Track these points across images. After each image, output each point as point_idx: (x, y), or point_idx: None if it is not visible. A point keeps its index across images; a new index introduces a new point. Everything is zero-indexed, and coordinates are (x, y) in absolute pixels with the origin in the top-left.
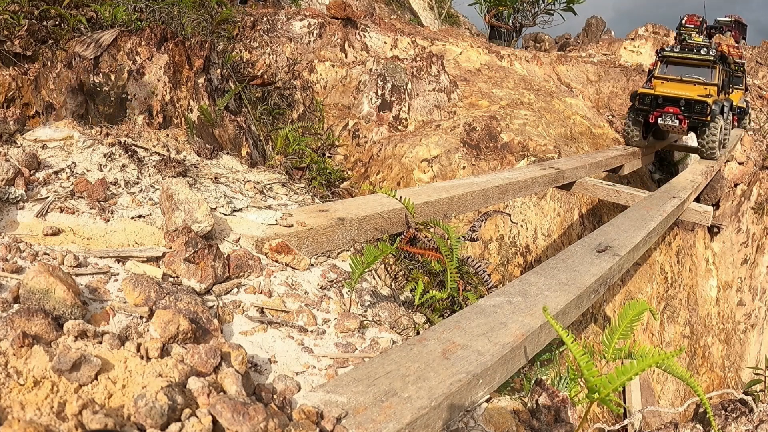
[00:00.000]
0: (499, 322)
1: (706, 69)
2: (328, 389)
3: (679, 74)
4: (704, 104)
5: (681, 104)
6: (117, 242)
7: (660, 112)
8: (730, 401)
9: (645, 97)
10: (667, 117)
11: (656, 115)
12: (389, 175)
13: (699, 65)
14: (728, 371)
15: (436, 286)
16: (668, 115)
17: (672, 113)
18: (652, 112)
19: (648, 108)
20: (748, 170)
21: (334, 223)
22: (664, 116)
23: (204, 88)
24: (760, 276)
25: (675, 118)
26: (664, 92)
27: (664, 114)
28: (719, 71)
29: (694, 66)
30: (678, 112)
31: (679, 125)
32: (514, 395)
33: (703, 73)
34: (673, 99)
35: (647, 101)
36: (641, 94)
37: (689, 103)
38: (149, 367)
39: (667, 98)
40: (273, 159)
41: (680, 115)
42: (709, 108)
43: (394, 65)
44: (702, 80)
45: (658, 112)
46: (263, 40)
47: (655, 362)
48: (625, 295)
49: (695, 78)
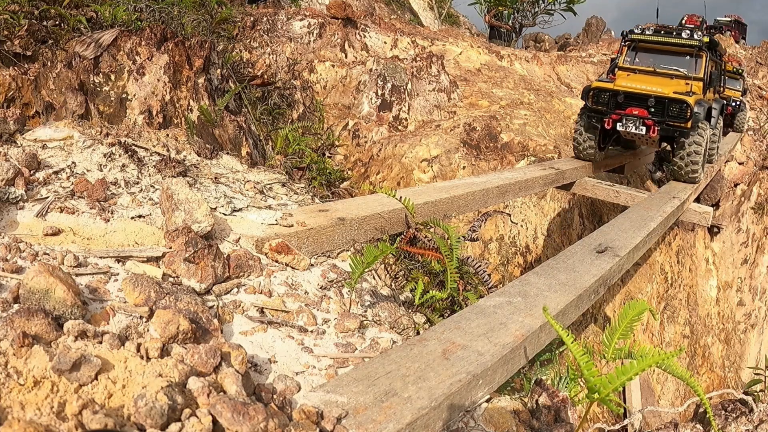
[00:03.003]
0: (499, 322)
1: (689, 58)
2: (328, 389)
3: (652, 64)
4: (683, 105)
5: (650, 104)
6: (117, 242)
7: (620, 114)
8: (730, 401)
9: (601, 93)
10: (630, 122)
11: (614, 119)
12: (389, 175)
13: (679, 52)
14: (728, 371)
15: (436, 286)
16: (631, 120)
17: (637, 116)
18: (610, 114)
19: (605, 109)
20: (748, 170)
21: (334, 223)
22: (625, 120)
23: (204, 88)
24: (760, 276)
25: (641, 123)
26: (627, 87)
27: (626, 118)
28: (706, 61)
29: (672, 54)
30: (645, 114)
31: (647, 134)
32: (514, 395)
33: (684, 63)
34: (638, 96)
35: (603, 99)
36: (596, 90)
37: (661, 102)
38: (149, 367)
39: (630, 95)
40: (273, 159)
41: (648, 120)
42: (689, 110)
43: (394, 65)
44: (683, 72)
45: (618, 114)
46: (263, 40)
47: (655, 362)
48: (625, 295)
49: (674, 70)
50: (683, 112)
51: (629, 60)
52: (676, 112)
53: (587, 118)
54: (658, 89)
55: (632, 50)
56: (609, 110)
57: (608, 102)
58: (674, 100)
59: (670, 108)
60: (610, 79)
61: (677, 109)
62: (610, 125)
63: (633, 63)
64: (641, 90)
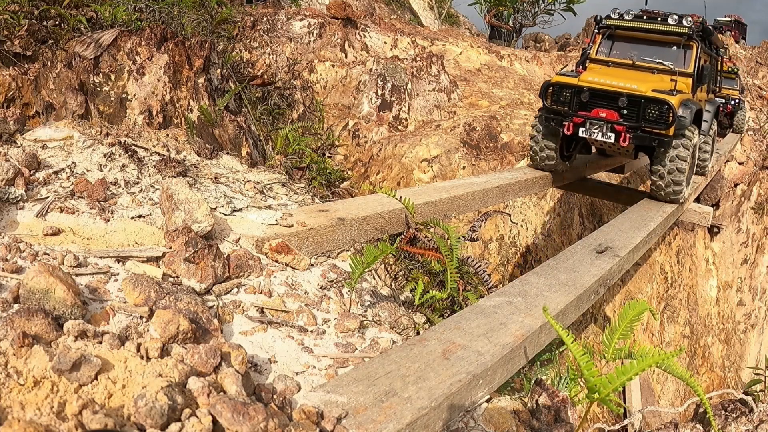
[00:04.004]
0: (499, 322)
1: (677, 49)
2: (329, 389)
3: (631, 56)
4: (663, 106)
5: (621, 104)
6: (117, 242)
7: (583, 116)
8: (730, 401)
9: (562, 90)
10: (595, 126)
11: (577, 122)
12: (389, 175)
13: (665, 42)
14: (728, 371)
15: (436, 286)
16: (597, 124)
17: (604, 120)
18: (572, 116)
19: (566, 109)
20: (748, 170)
21: (334, 223)
22: (589, 124)
23: (204, 88)
24: (760, 276)
25: (608, 128)
26: (593, 83)
27: (590, 121)
28: (697, 53)
29: (657, 44)
30: (615, 118)
31: (617, 142)
32: (514, 395)
33: (671, 56)
34: (607, 95)
35: (565, 98)
36: (556, 86)
37: (636, 102)
38: (149, 367)
39: (597, 93)
40: (273, 159)
41: (619, 124)
42: (671, 113)
43: (394, 65)
44: (668, 66)
45: (581, 116)
46: (263, 40)
47: (655, 362)
48: (625, 295)
49: (658, 63)
50: (664, 115)
51: (605, 51)
52: (655, 115)
53: (545, 121)
54: (632, 86)
55: (608, 39)
56: (571, 111)
57: (570, 101)
58: (652, 100)
59: (647, 110)
60: (577, 73)
61: (656, 112)
62: (570, 130)
63: (609, 54)
64: (611, 87)
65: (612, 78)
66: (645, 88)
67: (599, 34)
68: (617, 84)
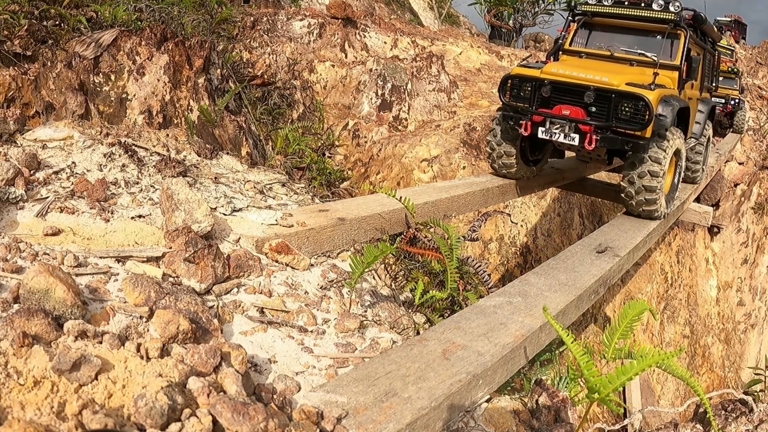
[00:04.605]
0: (499, 322)
1: (662, 39)
2: (329, 389)
3: (609, 47)
4: (638, 102)
5: (588, 100)
6: (117, 242)
7: (544, 114)
8: (730, 401)
9: (522, 84)
10: (556, 126)
11: (536, 121)
12: (389, 175)
13: (649, 31)
14: (728, 371)
15: (436, 286)
16: (558, 123)
17: (567, 119)
18: (531, 114)
19: (526, 106)
20: (748, 170)
21: (334, 223)
22: (549, 124)
23: (204, 88)
24: (760, 276)
25: (572, 129)
26: (556, 75)
27: (551, 120)
28: (685, 42)
29: (640, 33)
30: (580, 116)
31: (581, 144)
32: (514, 395)
33: (655, 46)
34: (572, 89)
35: (526, 93)
36: (515, 79)
37: (605, 98)
38: (149, 367)
39: (560, 87)
40: (273, 159)
41: (584, 123)
42: (647, 111)
43: (394, 65)
44: (651, 58)
45: (542, 115)
46: (263, 40)
47: (655, 362)
48: (625, 295)
49: (639, 54)
50: (639, 113)
51: (581, 41)
52: (629, 114)
53: (504, 121)
54: (603, 78)
55: (585, 28)
56: (531, 109)
57: (531, 97)
58: (625, 96)
59: (620, 107)
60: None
61: (630, 109)
62: (528, 131)
63: (586, 45)
64: (576, 79)
65: (581, 70)
66: (618, 82)
67: (574, 20)
68: (584, 76)
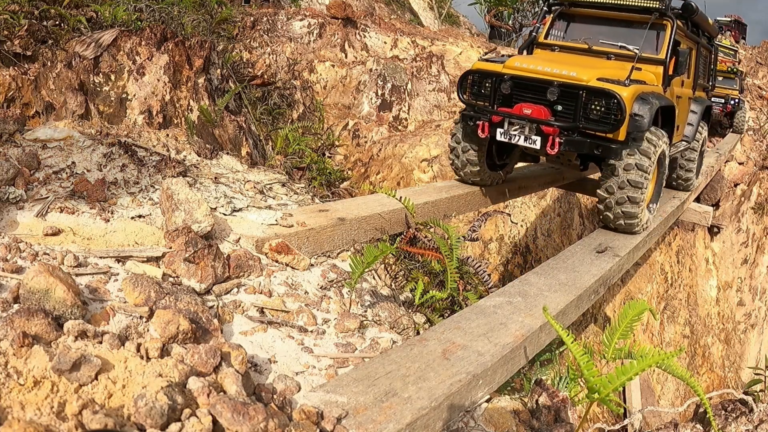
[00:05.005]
0: (499, 322)
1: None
2: (328, 389)
3: (588, 39)
4: (610, 100)
5: (551, 97)
6: (117, 242)
7: (503, 114)
8: (730, 401)
9: (483, 79)
10: (515, 127)
11: (495, 121)
12: (389, 175)
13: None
14: (728, 371)
15: (436, 286)
16: (517, 123)
17: (527, 118)
18: (490, 114)
19: (486, 104)
20: (748, 170)
21: (334, 223)
22: (508, 124)
23: (204, 88)
24: (760, 276)
25: (532, 130)
26: (519, 69)
27: (510, 120)
28: (671, 33)
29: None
30: (544, 116)
31: (543, 147)
32: (514, 395)
33: (638, 38)
34: (535, 85)
35: (486, 90)
36: (476, 74)
37: (572, 94)
38: (149, 367)
39: (522, 83)
40: (273, 159)
41: (547, 125)
42: (620, 110)
43: (394, 65)
44: (632, 51)
45: (501, 114)
46: (263, 40)
47: (655, 362)
48: (625, 295)
49: (621, 47)
50: (611, 112)
51: (558, 34)
52: (599, 113)
53: (463, 121)
54: (570, 73)
55: (563, 19)
56: (491, 108)
57: (492, 94)
58: (595, 92)
59: (589, 105)
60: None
61: (600, 108)
62: (485, 132)
63: (563, 38)
64: (540, 74)
65: (547, 64)
66: (588, 77)
67: (550, 13)
68: (550, 71)
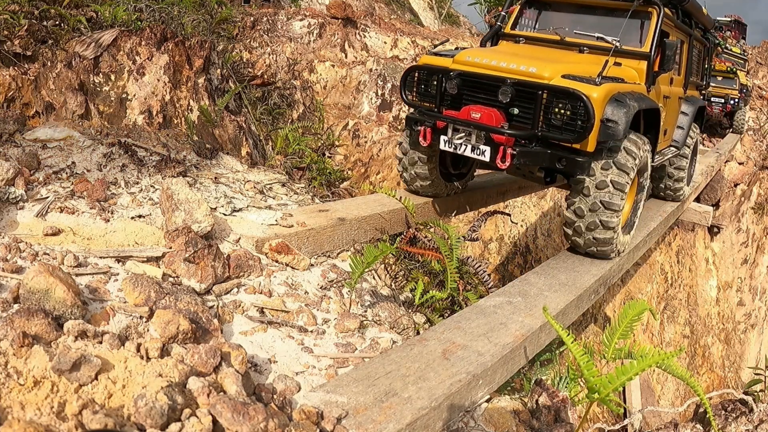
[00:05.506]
0: (500, 322)
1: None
2: (329, 389)
3: (561, 29)
4: (576, 102)
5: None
6: (117, 242)
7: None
8: (730, 401)
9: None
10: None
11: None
12: (389, 175)
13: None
14: (728, 371)
15: (436, 286)
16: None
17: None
18: (435, 119)
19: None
20: (748, 170)
21: (334, 223)
22: (451, 131)
23: (204, 88)
24: (760, 276)
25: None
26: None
27: (454, 125)
28: (657, 23)
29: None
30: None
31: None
32: (514, 395)
33: (616, 28)
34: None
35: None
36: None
37: (528, 95)
38: (149, 367)
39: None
40: (273, 159)
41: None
42: (587, 113)
43: (394, 65)
44: (612, 43)
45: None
46: (263, 40)
47: (655, 362)
48: (625, 295)
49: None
50: (577, 116)
51: (528, 23)
52: (563, 118)
53: (408, 125)
54: (529, 68)
55: (533, 7)
56: (436, 110)
57: (438, 94)
58: (556, 92)
59: (550, 108)
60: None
61: (565, 111)
62: (428, 140)
63: (535, 29)
64: (490, 69)
65: (504, 58)
66: (550, 72)
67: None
68: (505, 66)
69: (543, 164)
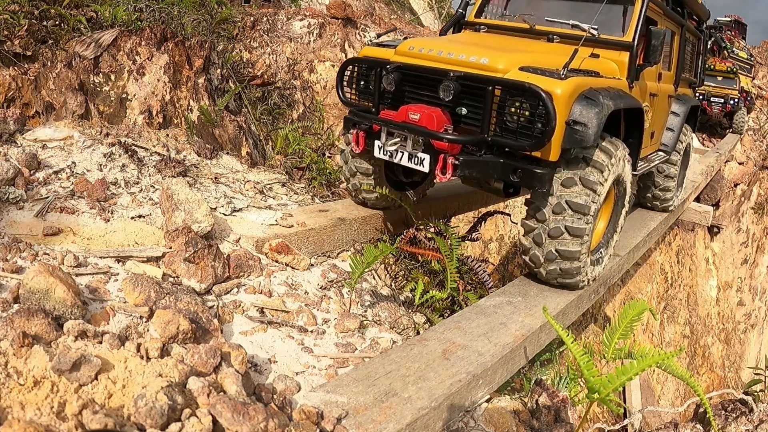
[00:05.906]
0: (500, 322)
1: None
2: (329, 389)
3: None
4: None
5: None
6: (117, 242)
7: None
8: (730, 401)
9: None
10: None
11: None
12: None
13: None
14: (728, 371)
15: (436, 286)
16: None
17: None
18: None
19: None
20: (748, 170)
21: (334, 223)
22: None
23: (204, 88)
24: (760, 276)
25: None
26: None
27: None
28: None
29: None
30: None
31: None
32: (514, 395)
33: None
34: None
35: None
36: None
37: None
38: (149, 367)
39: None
40: (273, 159)
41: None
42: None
43: None
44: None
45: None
46: (263, 40)
47: (655, 362)
48: (625, 295)
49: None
50: (536, 117)
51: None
52: (519, 120)
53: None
54: (480, 59)
55: None
56: (374, 110)
57: (377, 91)
58: (511, 87)
59: (505, 107)
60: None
61: (522, 111)
62: (361, 145)
63: (502, 17)
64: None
65: (453, 47)
66: (504, 64)
67: None
68: (453, 56)
69: (492, 177)
